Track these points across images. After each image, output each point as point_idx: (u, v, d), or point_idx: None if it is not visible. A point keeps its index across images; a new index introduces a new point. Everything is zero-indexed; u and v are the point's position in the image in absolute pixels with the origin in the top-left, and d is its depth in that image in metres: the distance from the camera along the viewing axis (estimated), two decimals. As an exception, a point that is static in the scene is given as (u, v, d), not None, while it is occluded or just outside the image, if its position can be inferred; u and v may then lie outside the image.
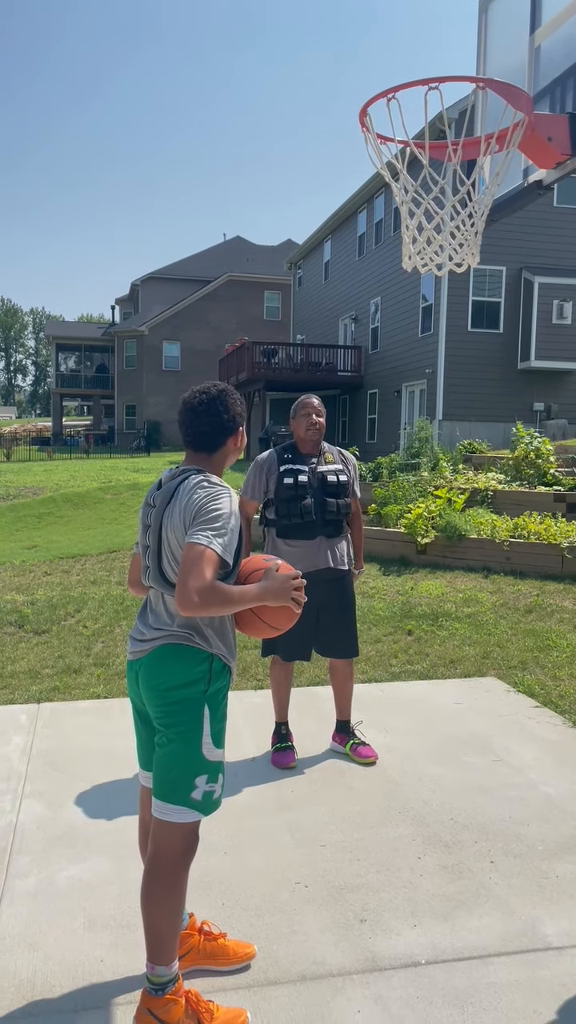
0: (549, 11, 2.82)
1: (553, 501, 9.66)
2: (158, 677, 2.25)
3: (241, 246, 44.69)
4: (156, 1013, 2.15)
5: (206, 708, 2.24)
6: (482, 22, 3.21)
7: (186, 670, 2.23)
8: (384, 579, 8.28)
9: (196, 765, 2.23)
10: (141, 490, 15.60)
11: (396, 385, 22.17)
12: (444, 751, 4.11)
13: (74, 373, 49.27)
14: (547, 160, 2.63)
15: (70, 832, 3.27)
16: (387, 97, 2.32)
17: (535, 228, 18.68)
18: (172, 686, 2.23)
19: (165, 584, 2.28)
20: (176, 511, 2.24)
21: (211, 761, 2.26)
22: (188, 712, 2.23)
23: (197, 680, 2.23)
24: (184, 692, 2.23)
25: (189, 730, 2.23)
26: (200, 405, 2.36)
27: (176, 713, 2.23)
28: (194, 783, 2.23)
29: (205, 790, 2.24)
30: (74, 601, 7.72)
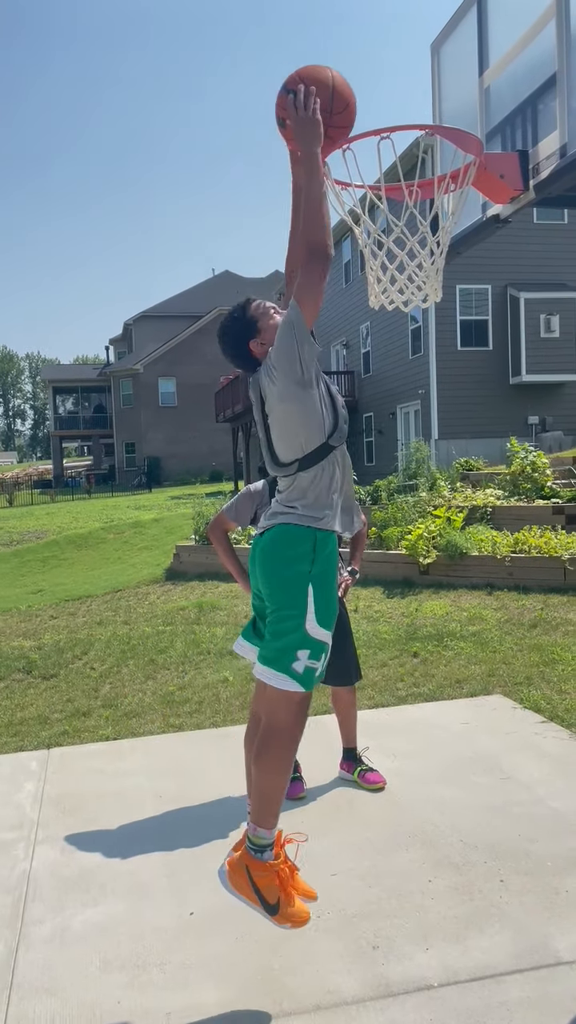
0: (495, 53, 2.95)
1: (552, 514, 9.72)
2: (267, 555, 2.42)
3: (230, 280, 45.23)
4: (253, 874, 2.33)
5: (310, 587, 2.37)
6: (435, 63, 3.35)
7: (292, 547, 2.38)
8: (388, 602, 8.32)
9: (300, 639, 2.36)
10: (144, 528, 15.70)
11: (390, 407, 22.33)
12: (452, 772, 4.14)
13: (72, 415, 49.70)
14: (501, 196, 2.74)
15: (84, 876, 3.31)
16: (342, 148, 2.43)
17: (517, 245, 18.92)
18: (279, 563, 2.39)
19: (276, 465, 2.45)
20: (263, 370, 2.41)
21: (315, 638, 2.38)
22: (294, 589, 2.36)
23: (301, 558, 2.37)
24: (290, 570, 2.37)
25: (295, 606, 2.36)
26: (219, 331, 2.54)
27: (283, 590, 2.38)
28: (296, 655, 2.36)
29: (307, 664, 2.36)
30: (81, 643, 7.78)
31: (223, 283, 44.70)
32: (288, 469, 2.42)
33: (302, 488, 2.41)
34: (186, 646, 7.33)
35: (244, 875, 2.36)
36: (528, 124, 2.78)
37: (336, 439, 2.42)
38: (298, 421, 2.38)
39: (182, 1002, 2.51)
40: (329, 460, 2.42)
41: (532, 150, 2.76)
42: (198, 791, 4.08)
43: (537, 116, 2.73)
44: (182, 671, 6.62)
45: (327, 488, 2.43)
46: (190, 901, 3.07)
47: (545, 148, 2.68)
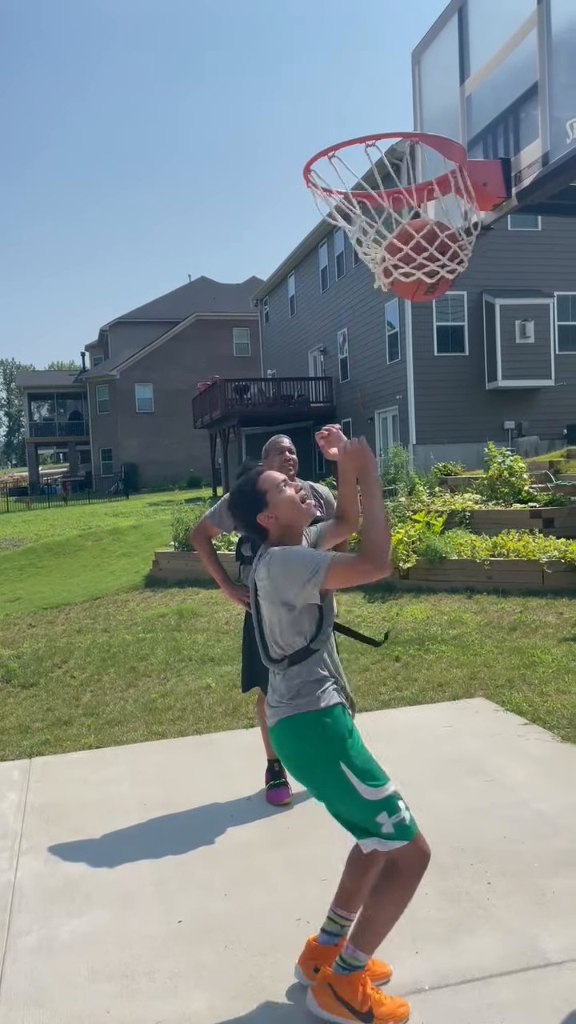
0: (477, 62, 2.98)
1: (529, 517, 9.80)
2: (286, 752, 2.43)
3: (207, 286, 45.24)
4: (337, 989, 2.33)
5: (342, 764, 2.35)
6: (416, 72, 3.38)
7: (304, 741, 2.38)
8: (369, 606, 8.34)
9: (368, 811, 2.34)
10: (122, 535, 15.62)
11: (368, 412, 22.42)
12: (437, 775, 4.16)
13: (48, 421, 49.37)
14: (484, 203, 2.76)
15: (69, 886, 3.28)
16: (328, 156, 2.45)
17: (492, 252, 19.08)
18: (301, 759, 2.40)
19: (270, 661, 2.47)
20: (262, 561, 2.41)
21: (379, 800, 2.34)
22: (326, 773, 2.36)
23: (316, 744, 2.36)
24: (313, 760, 2.38)
25: (339, 787, 2.35)
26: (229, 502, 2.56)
27: (317, 777, 2.39)
28: (376, 822, 2.33)
29: (393, 823, 2.33)
30: (60, 652, 7.72)
31: (199, 288, 44.70)
32: (279, 665, 2.44)
33: (295, 683, 2.41)
34: (167, 653, 7.29)
35: (329, 993, 2.34)
36: (510, 132, 2.81)
37: (318, 642, 2.43)
38: (279, 627, 2.41)
39: (172, 1011, 2.50)
40: (314, 658, 2.43)
41: (514, 158, 2.79)
42: (183, 798, 4.07)
43: (519, 124, 2.76)
44: (164, 678, 6.59)
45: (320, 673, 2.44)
46: (178, 909, 3.06)
47: (527, 156, 2.71)
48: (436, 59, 3.26)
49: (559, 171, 2.54)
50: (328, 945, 2.55)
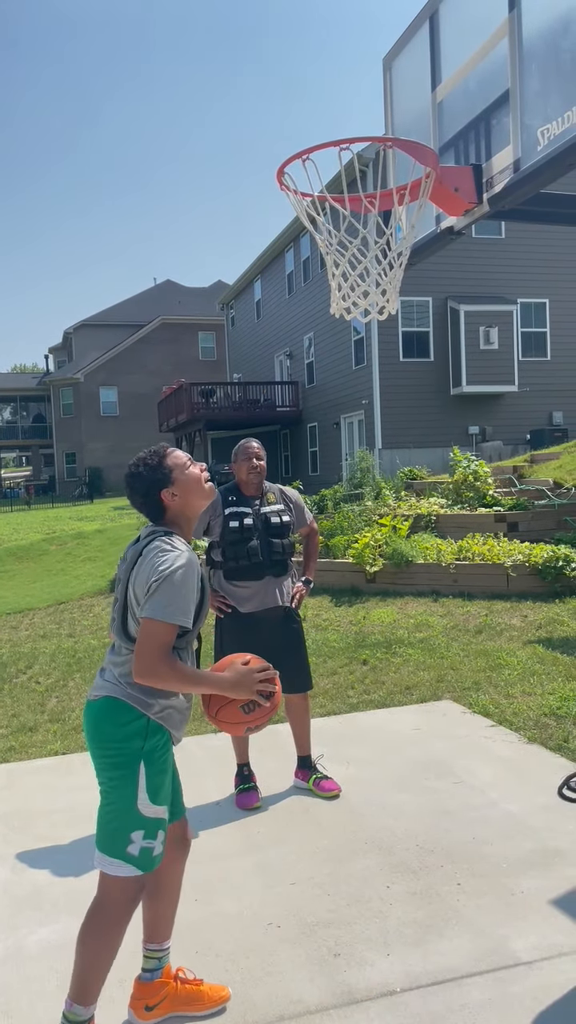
0: (448, 69, 3.01)
1: (494, 522, 9.90)
2: (96, 730, 2.30)
3: (172, 289, 45.04)
4: None
5: (142, 764, 2.26)
6: (387, 78, 3.40)
7: (122, 725, 2.27)
8: (336, 610, 8.35)
9: (132, 820, 2.26)
10: (86, 539, 15.47)
11: (335, 417, 22.50)
12: (406, 778, 4.17)
13: (10, 424, 48.71)
14: (456, 209, 2.79)
15: (36, 894, 3.23)
16: (302, 159, 2.45)
17: (457, 259, 19.31)
18: (108, 740, 2.28)
19: (125, 638, 2.33)
20: (140, 572, 2.28)
21: (148, 817, 2.27)
22: (124, 767, 2.26)
23: (132, 736, 2.27)
24: (120, 747, 2.27)
25: (125, 785, 2.26)
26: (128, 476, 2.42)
27: (112, 767, 2.28)
28: (130, 838, 2.25)
29: (143, 846, 2.26)
30: (25, 657, 7.61)
31: (165, 292, 44.49)
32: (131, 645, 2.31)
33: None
34: (134, 657, 7.23)
35: None
36: (481, 138, 2.84)
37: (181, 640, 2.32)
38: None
39: (143, 1019, 2.46)
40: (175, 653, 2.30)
41: (486, 164, 2.82)
42: (151, 804, 4.02)
43: (490, 131, 2.79)
44: (130, 683, 6.53)
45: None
46: (147, 916, 3.02)
47: (499, 162, 2.74)
48: (408, 65, 3.29)
49: (530, 177, 2.57)
50: (151, 981, 2.47)
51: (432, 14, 3.09)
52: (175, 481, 2.39)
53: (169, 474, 2.39)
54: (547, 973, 2.56)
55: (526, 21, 2.57)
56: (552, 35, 2.51)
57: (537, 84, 2.56)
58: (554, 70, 2.49)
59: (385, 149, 2.82)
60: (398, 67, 3.36)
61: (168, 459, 2.41)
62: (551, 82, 2.51)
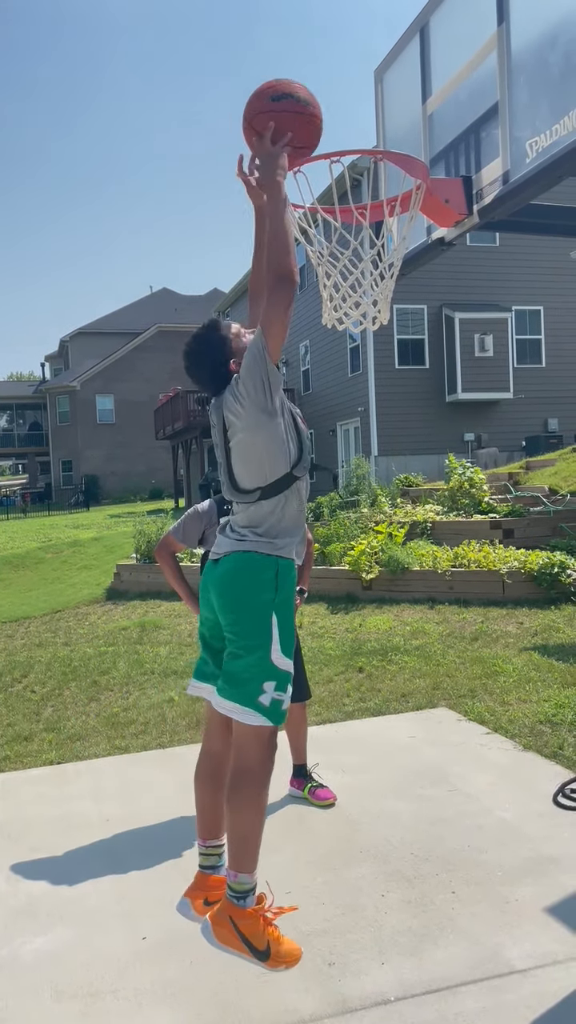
0: (438, 81, 3.04)
1: (490, 528, 9.92)
2: (229, 585, 2.36)
3: (169, 297, 45.16)
4: (238, 923, 2.25)
5: (274, 617, 2.33)
6: (379, 90, 3.43)
7: (255, 575, 2.33)
8: (332, 617, 8.36)
9: (265, 671, 2.31)
10: (82, 547, 15.46)
11: (331, 424, 22.54)
12: (401, 785, 4.17)
13: (6, 432, 48.74)
14: (446, 220, 2.81)
15: (31, 904, 3.22)
16: (293, 171, 2.47)
17: (452, 267, 19.39)
18: (242, 592, 2.34)
19: (236, 491, 2.41)
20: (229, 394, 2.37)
21: (280, 669, 2.33)
22: (258, 619, 2.32)
23: (265, 586, 2.33)
24: (253, 598, 2.33)
25: (259, 636, 2.31)
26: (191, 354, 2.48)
27: (248, 620, 2.33)
28: (262, 687, 2.31)
29: (274, 697, 2.31)
30: (20, 666, 7.60)
31: (161, 299, 44.60)
32: (249, 496, 2.38)
33: (262, 516, 2.38)
34: (129, 666, 7.23)
35: (229, 926, 2.27)
36: (472, 150, 2.87)
37: (300, 469, 2.41)
38: (263, 450, 2.35)
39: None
40: (292, 490, 2.40)
41: (476, 176, 2.85)
42: (146, 813, 4.03)
43: (480, 143, 2.82)
44: (126, 692, 6.52)
45: (288, 517, 2.41)
46: (142, 926, 3.02)
47: (488, 174, 2.77)
48: (399, 78, 3.32)
49: (520, 189, 2.60)
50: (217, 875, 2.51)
51: (423, 27, 3.12)
52: (236, 350, 2.45)
53: (229, 343, 2.45)
54: (542, 981, 2.56)
55: (515, 34, 2.60)
56: (540, 48, 2.54)
57: (526, 97, 2.59)
58: (542, 83, 2.52)
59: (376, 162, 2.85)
60: (389, 79, 3.40)
61: (223, 330, 2.47)
62: (539, 95, 2.54)
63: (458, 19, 2.96)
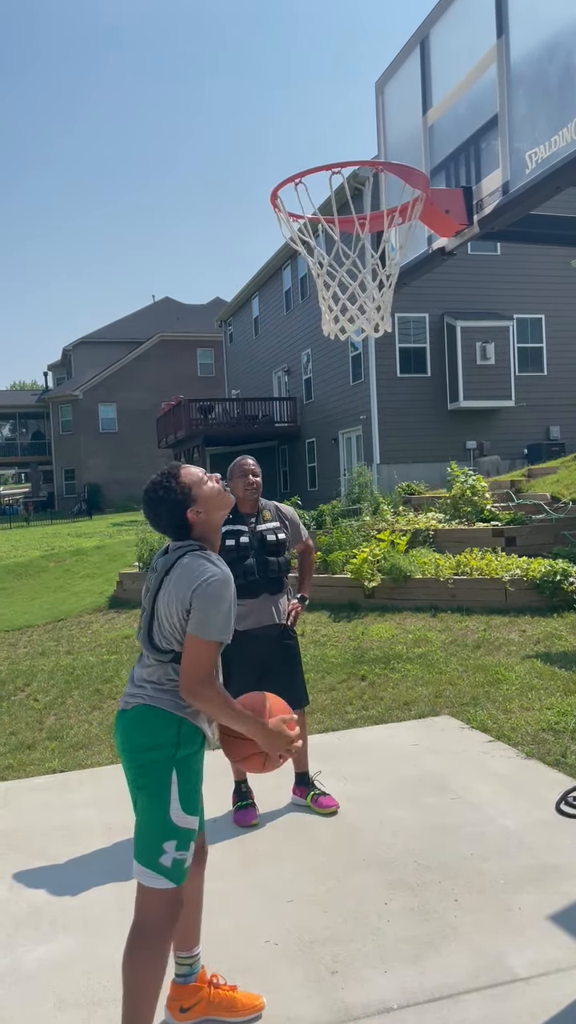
0: (439, 93, 3.07)
1: (492, 536, 9.92)
2: (129, 738, 2.32)
3: (170, 306, 45.29)
4: None
5: (174, 772, 2.28)
6: (379, 102, 3.46)
7: (155, 733, 2.29)
8: (335, 626, 8.36)
9: (164, 830, 2.26)
10: (85, 556, 15.47)
11: (333, 433, 22.56)
12: (404, 793, 4.17)
13: (9, 441, 48.82)
14: (447, 230, 2.84)
15: (34, 913, 3.23)
16: (295, 182, 2.50)
17: (453, 275, 19.43)
18: (141, 748, 2.29)
19: (151, 648, 2.35)
20: (172, 585, 2.30)
21: (180, 827, 2.28)
22: (157, 775, 2.28)
23: (165, 744, 2.28)
24: (152, 755, 2.28)
25: (158, 793, 2.27)
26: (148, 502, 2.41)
27: (145, 775, 2.29)
28: (162, 848, 2.26)
29: (175, 857, 2.26)
30: (23, 674, 7.60)
31: (163, 309, 44.73)
32: (163, 656, 2.32)
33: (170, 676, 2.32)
34: (132, 674, 7.23)
35: None
36: (471, 161, 2.89)
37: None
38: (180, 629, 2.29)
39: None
40: None
41: (476, 186, 2.87)
42: (149, 821, 4.02)
43: (480, 154, 2.84)
44: (129, 700, 6.52)
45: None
46: (145, 934, 3.02)
47: (488, 185, 2.79)
48: (399, 89, 3.35)
49: (519, 200, 2.62)
50: (187, 984, 2.51)
51: (423, 39, 3.15)
52: (196, 498, 2.39)
53: (189, 492, 2.39)
54: (544, 989, 2.56)
55: (514, 47, 2.63)
56: (539, 61, 2.57)
57: (525, 108, 2.61)
58: (541, 95, 2.54)
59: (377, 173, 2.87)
60: (390, 91, 3.42)
61: (183, 478, 2.40)
62: (538, 107, 2.57)
63: (458, 32, 2.98)
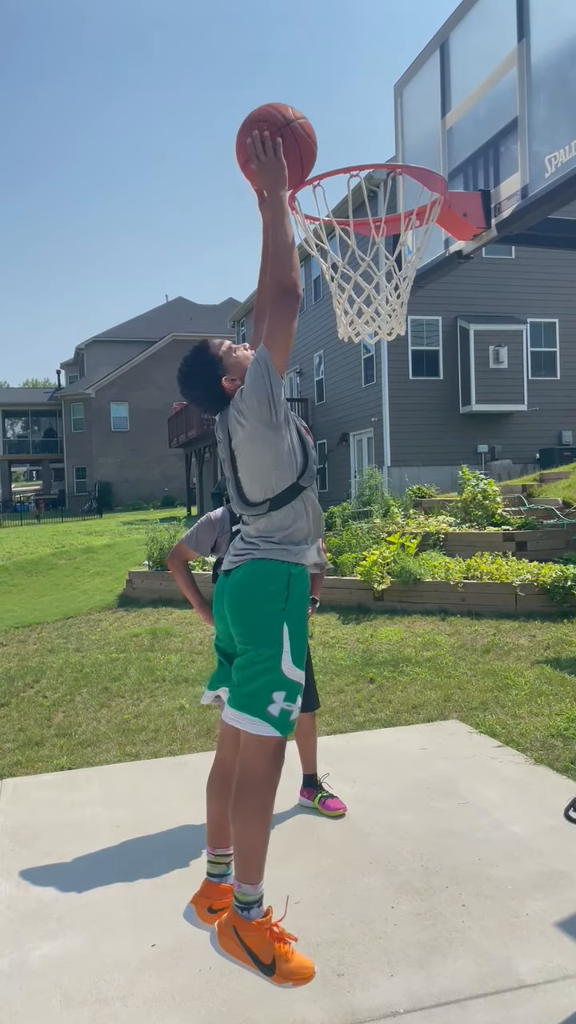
0: (458, 96, 3.06)
1: (503, 540, 9.90)
2: (242, 592, 2.37)
3: (184, 306, 45.39)
4: (242, 935, 2.23)
5: (285, 626, 2.33)
6: (398, 104, 3.46)
7: (264, 587, 2.34)
8: (344, 628, 8.35)
9: (275, 681, 2.31)
10: (95, 554, 15.51)
11: (344, 435, 22.55)
12: (411, 797, 4.16)
13: (21, 439, 49.02)
14: (464, 233, 2.83)
15: (41, 910, 3.23)
16: (312, 185, 2.50)
17: (467, 278, 19.39)
18: (255, 600, 2.34)
19: (247, 505, 2.42)
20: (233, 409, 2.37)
21: (290, 679, 2.33)
22: (269, 628, 2.32)
23: (275, 597, 2.33)
24: (265, 607, 2.33)
25: (270, 645, 2.31)
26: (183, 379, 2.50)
27: (258, 628, 2.33)
28: (271, 697, 2.30)
29: (283, 707, 2.30)
30: (32, 671, 7.63)
31: (176, 309, 44.83)
32: (259, 508, 2.39)
33: (274, 526, 2.38)
34: (140, 673, 7.24)
35: (234, 937, 2.26)
36: (490, 165, 2.89)
37: (306, 479, 2.41)
38: (268, 462, 2.36)
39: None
40: (300, 499, 2.41)
41: (494, 190, 2.87)
42: (156, 820, 4.03)
43: (499, 157, 2.84)
44: (137, 699, 6.54)
45: (299, 525, 2.41)
46: (151, 933, 3.03)
47: (507, 188, 2.79)
48: (418, 92, 3.35)
49: (538, 203, 2.61)
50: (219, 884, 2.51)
51: (443, 43, 3.15)
52: (229, 367, 2.46)
53: (220, 362, 2.46)
54: (551, 996, 2.55)
55: (535, 51, 2.63)
56: (560, 65, 2.56)
57: (545, 112, 2.61)
58: (562, 99, 2.54)
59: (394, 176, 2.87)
60: (409, 93, 3.42)
61: (212, 349, 2.48)
62: (559, 111, 2.56)
63: (478, 35, 2.98)
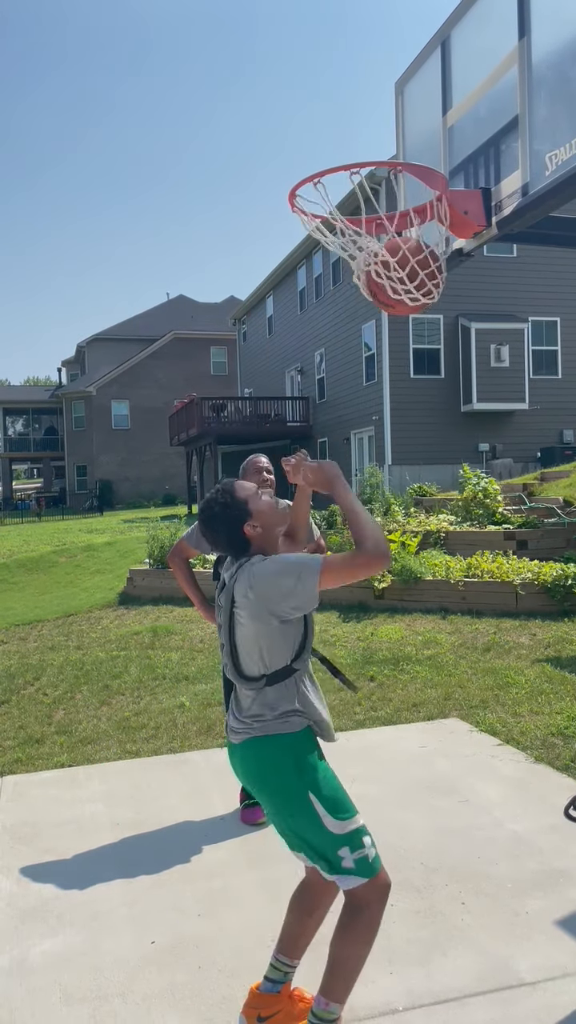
0: (459, 94, 3.06)
1: (503, 539, 9.90)
2: (252, 780, 2.32)
3: (185, 304, 45.36)
4: None
5: (310, 793, 2.25)
6: (399, 102, 3.45)
7: (274, 765, 2.27)
8: (344, 626, 8.35)
9: (332, 844, 2.24)
10: (96, 551, 15.52)
11: (345, 433, 22.55)
12: (411, 795, 4.16)
13: (22, 436, 49.03)
14: (465, 231, 2.83)
15: (41, 907, 3.24)
16: (314, 181, 2.50)
17: (468, 277, 19.38)
18: (267, 780, 2.28)
19: (243, 679, 2.34)
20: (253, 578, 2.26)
21: (343, 834, 2.24)
22: (294, 802, 2.25)
23: (288, 773, 2.26)
24: (279, 783, 2.27)
25: (305, 816, 2.25)
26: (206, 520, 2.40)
27: (285, 807, 2.27)
28: (338, 855, 2.23)
29: (355, 858, 2.23)
30: (32, 669, 7.63)
31: (177, 306, 44.80)
32: (255, 684, 2.32)
33: (271, 701, 2.32)
34: (141, 671, 7.25)
35: None
36: (491, 163, 2.88)
37: (300, 663, 2.35)
38: (268, 644, 2.30)
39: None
40: (293, 679, 2.35)
41: (495, 188, 2.87)
42: (156, 818, 4.04)
43: (500, 155, 2.84)
44: (137, 696, 6.54)
45: (298, 697, 2.35)
46: (151, 930, 3.03)
47: (508, 186, 2.79)
48: (419, 90, 3.34)
49: (538, 201, 2.61)
50: (270, 993, 2.45)
51: (444, 40, 3.15)
52: (253, 512, 2.37)
53: (245, 507, 2.37)
54: (551, 994, 2.55)
55: (536, 49, 2.62)
56: (561, 63, 2.56)
57: (546, 111, 2.61)
58: (563, 97, 2.53)
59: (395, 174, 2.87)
60: (410, 91, 3.42)
61: (239, 492, 2.39)
62: (560, 109, 2.56)
63: (479, 33, 2.98)
